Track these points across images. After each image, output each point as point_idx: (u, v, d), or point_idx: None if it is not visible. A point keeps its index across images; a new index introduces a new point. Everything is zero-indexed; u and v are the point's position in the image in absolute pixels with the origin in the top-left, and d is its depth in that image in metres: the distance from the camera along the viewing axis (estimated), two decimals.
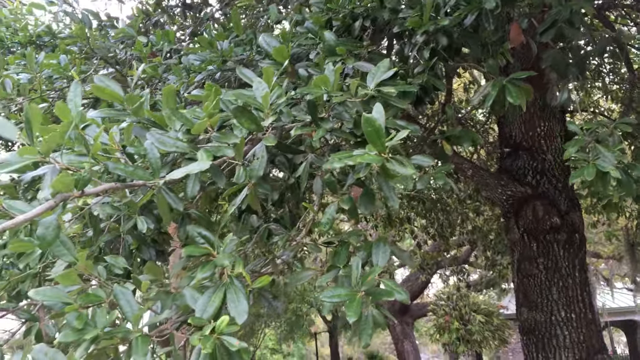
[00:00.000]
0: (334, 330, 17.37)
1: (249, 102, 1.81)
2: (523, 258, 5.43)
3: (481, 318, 13.06)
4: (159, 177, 1.54)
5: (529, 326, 5.38)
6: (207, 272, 1.53)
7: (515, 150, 5.62)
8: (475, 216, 8.80)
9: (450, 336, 13.41)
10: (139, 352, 1.37)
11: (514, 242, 5.57)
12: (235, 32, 3.45)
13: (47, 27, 5.55)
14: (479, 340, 13.10)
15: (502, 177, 5.56)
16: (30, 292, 1.41)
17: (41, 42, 5.33)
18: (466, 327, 13.24)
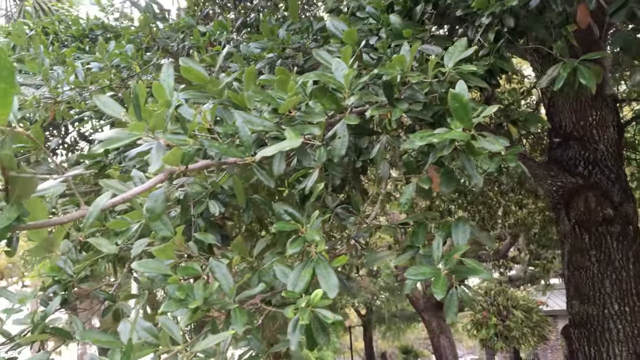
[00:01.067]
0: (368, 324, 17.38)
1: (329, 81, 1.83)
2: (574, 250, 5.32)
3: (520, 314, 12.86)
4: (251, 154, 1.57)
5: (580, 319, 5.28)
6: (297, 248, 1.56)
7: (565, 140, 5.50)
8: (517, 209, 8.66)
9: (487, 332, 13.25)
10: (237, 322, 1.40)
11: (564, 234, 5.46)
12: (292, 20, 3.48)
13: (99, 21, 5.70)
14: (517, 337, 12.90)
15: (552, 167, 5.45)
16: (134, 264, 1.46)
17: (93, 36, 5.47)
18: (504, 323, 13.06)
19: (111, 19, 5.74)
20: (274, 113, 1.74)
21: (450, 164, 1.89)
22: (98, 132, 4.74)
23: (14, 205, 0.92)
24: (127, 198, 1.20)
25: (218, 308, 1.47)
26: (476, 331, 13.75)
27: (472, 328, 13.67)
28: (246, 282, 1.68)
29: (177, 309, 1.40)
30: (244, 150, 1.59)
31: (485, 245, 6.68)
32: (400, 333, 18.25)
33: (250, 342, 1.91)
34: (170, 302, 1.41)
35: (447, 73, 1.93)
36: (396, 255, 1.96)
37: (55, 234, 1.14)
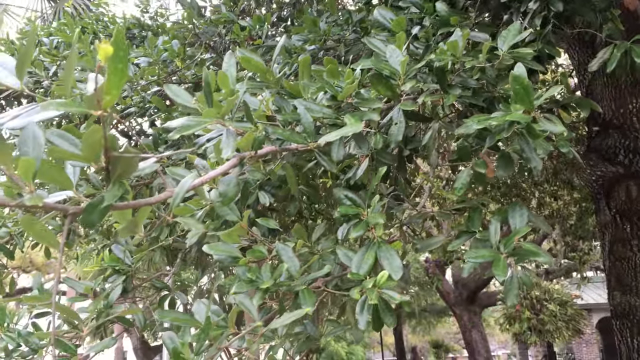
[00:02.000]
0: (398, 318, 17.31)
1: (384, 68, 1.85)
2: (615, 240, 5.23)
3: (554, 307, 12.68)
4: (313, 140, 1.61)
5: (622, 310, 5.19)
6: (360, 231, 1.59)
7: (604, 128, 5.40)
8: (552, 200, 8.53)
9: (520, 326, 13.10)
10: (307, 302, 1.44)
11: (604, 224, 5.38)
12: (331, 12, 3.51)
13: (136, 19, 5.81)
14: (551, 331, 12.72)
15: (591, 157, 5.36)
16: (205, 247, 1.50)
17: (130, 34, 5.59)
18: (538, 317, 12.89)
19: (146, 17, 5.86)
20: (332, 100, 1.77)
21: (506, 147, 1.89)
22: (137, 129, 4.85)
23: (115, 184, 0.97)
24: (205, 180, 1.25)
25: (285, 289, 1.51)
26: (509, 325, 13.60)
27: (504, 322, 13.53)
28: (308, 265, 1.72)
29: (247, 289, 1.45)
30: (306, 136, 1.63)
31: (541, 230, 6.51)
32: (431, 327, 18.17)
33: (307, 326, 1.96)
34: (240, 283, 1.46)
35: (502, 57, 1.92)
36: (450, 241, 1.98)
37: (139, 215, 1.18)
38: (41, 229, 0.98)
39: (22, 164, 0.81)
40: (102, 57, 0.74)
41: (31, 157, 0.88)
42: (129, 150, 0.95)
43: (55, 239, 1.00)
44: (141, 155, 0.98)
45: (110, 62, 0.76)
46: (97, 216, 0.98)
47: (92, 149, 0.93)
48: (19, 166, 0.81)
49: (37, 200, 0.82)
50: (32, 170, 0.83)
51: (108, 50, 0.74)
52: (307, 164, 2.21)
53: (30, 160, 0.81)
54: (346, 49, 3.27)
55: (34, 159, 0.82)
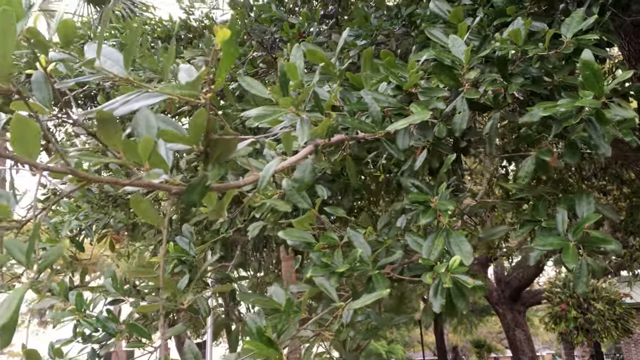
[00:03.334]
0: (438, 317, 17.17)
1: (447, 58, 1.87)
2: None
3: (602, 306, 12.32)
4: (381, 129, 1.64)
5: None
6: (430, 218, 1.61)
7: None
8: (601, 195, 8.31)
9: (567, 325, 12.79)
10: (380, 286, 1.48)
11: None
12: (379, 7, 3.53)
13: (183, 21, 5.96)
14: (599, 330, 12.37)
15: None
16: (280, 232, 1.56)
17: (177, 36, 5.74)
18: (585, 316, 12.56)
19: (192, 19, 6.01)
20: (397, 90, 1.81)
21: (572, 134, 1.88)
22: None
23: (215, 166, 1.03)
24: (286, 166, 1.30)
25: (358, 274, 1.55)
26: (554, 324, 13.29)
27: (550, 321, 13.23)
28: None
29: (323, 273, 1.50)
30: (373, 125, 1.66)
31: (609, 218, 6.37)
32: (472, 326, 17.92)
33: (371, 314, 1.99)
34: (316, 267, 1.50)
35: (566, 44, 1.92)
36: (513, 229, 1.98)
37: (225, 198, 1.24)
38: (147, 208, 1.05)
39: (143, 143, 0.88)
40: (220, 39, 0.79)
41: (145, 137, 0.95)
42: (228, 132, 1.01)
43: (159, 218, 1.06)
44: (238, 138, 1.04)
45: (225, 46, 0.81)
46: (198, 196, 1.04)
47: (196, 132, 0.99)
48: (140, 145, 0.88)
49: (154, 177, 0.88)
50: (150, 149, 0.90)
51: (226, 33, 0.79)
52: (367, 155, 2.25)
53: (149, 138, 0.87)
54: (397, 43, 3.29)
55: (152, 138, 0.88)
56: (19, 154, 0.88)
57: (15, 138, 0.88)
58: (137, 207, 1.03)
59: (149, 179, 0.89)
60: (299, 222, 1.64)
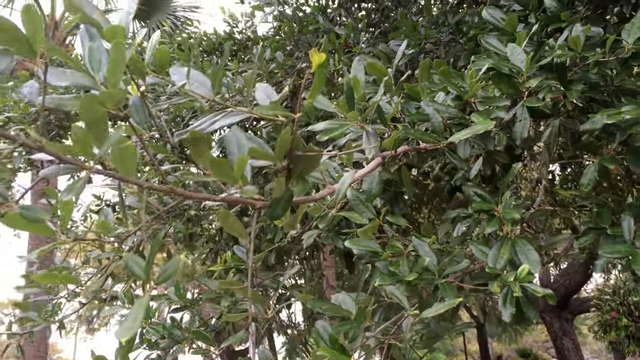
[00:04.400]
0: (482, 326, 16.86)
1: (506, 66, 1.87)
2: None
3: None
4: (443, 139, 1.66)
5: None
6: (495, 226, 1.62)
7: None
8: None
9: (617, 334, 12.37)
10: (449, 294, 1.49)
11: None
12: (426, 16, 3.55)
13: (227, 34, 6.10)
14: None
15: None
16: (347, 242, 1.59)
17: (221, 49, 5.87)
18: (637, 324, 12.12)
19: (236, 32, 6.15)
20: (457, 100, 1.82)
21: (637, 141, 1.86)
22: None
23: (299, 181, 1.08)
24: (357, 178, 1.34)
25: (425, 283, 1.57)
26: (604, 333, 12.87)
27: (599, 330, 12.81)
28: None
29: (391, 282, 1.52)
30: (435, 136, 1.69)
31: None
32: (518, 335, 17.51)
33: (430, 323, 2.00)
34: (383, 276, 1.53)
35: (628, 49, 1.89)
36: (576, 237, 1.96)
37: (298, 211, 1.29)
38: (234, 222, 1.10)
39: (238, 162, 0.93)
40: (315, 64, 0.84)
41: (237, 155, 1.00)
42: (311, 149, 1.05)
43: (245, 231, 1.12)
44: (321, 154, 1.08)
45: (319, 69, 0.86)
46: (281, 210, 1.09)
47: (282, 149, 1.04)
48: (236, 164, 0.93)
49: (249, 193, 0.93)
50: (243, 168, 0.95)
51: (322, 57, 0.83)
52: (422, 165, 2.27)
53: (244, 157, 0.93)
54: (445, 50, 3.30)
55: (246, 157, 0.93)
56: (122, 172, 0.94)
57: (115, 157, 0.95)
58: (225, 221, 1.08)
59: (245, 195, 0.94)
60: (363, 231, 1.68)
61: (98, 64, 0.89)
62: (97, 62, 0.89)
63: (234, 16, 6.17)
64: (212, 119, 1.10)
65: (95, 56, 0.89)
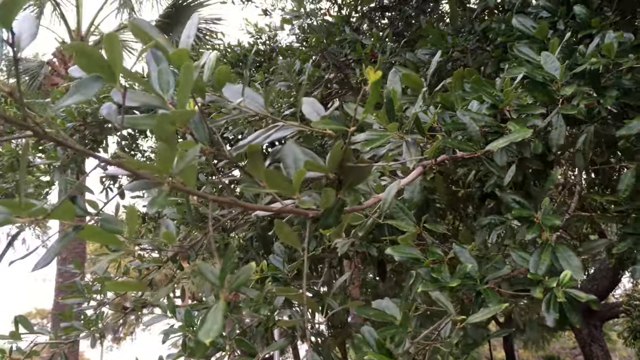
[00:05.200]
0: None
1: (537, 74, 1.90)
2: None
3: None
4: (480, 148, 1.69)
5: None
6: (535, 233, 1.64)
7: None
8: None
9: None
10: (492, 300, 1.52)
11: None
12: (452, 24, 3.58)
13: (251, 45, 6.20)
14: None
15: None
16: (389, 249, 1.63)
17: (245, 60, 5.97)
18: None
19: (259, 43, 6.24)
20: (492, 109, 1.85)
21: None
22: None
23: (350, 192, 1.12)
24: (401, 187, 1.38)
25: (467, 289, 1.59)
26: (634, 339, 12.59)
27: (629, 336, 12.55)
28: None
29: (434, 288, 1.55)
30: (472, 144, 1.72)
31: None
32: (544, 342, 17.23)
33: (468, 330, 2.02)
34: (426, 282, 1.56)
35: None
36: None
37: (344, 220, 1.33)
38: (288, 231, 1.15)
39: (296, 175, 0.98)
40: (371, 80, 0.88)
41: (293, 168, 1.05)
42: (363, 161, 1.10)
43: (299, 241, 1.16)
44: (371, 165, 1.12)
45: (374, 85, 0.91)
46: (334, 219, 1.13)
47: (334, 161, 1.08)
48: (295, 177, 0.98)
49: (308, 204, 0.98)
50: (301, 180, 1.00)
51: (377, 75, 0.88)
52: (457, 173, 2.29)
53: (302, 171, 0.97)
54: (472, 58, 3.33)
55: (304, 170, 0.98)
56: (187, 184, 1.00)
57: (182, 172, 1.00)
58: (280, 231, 1.13)
59: (303, 206, 0.99)
60: (403, 239, 1.71)
61: (166, 85, 0.95)
62: (166, 84, 0.95)
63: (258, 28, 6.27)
64: (266, 133, 1.15)
65: (164, 78, 0.95)
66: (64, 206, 0.83)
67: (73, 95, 0.73)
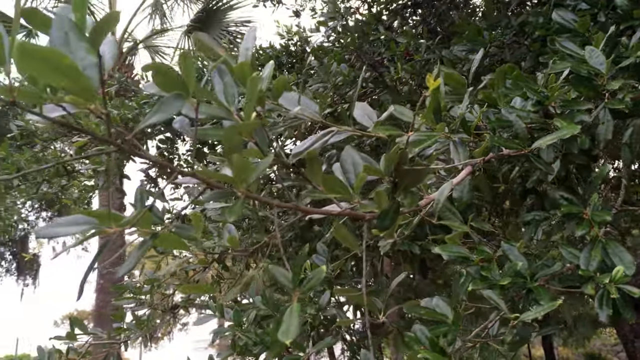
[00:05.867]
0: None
1: (582, 69, 1.88)
2: None
3: None
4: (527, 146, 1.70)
5: None
6: (585, 229, 1.64)
7: None
8: None
9: None
10: (544, 297, 1.52)
11: None
12: (487, 19, 3.56)
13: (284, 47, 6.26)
14: None
15: None
16: (435, 249, 1.65)
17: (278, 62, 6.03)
18: None
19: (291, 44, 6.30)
20: (538, 105, 1.85)
21: None
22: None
23: (407, 194, 1.15)
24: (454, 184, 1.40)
25: (517, 287, 1.60)
26: None
27: None
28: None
29: (484, 286, 1.57)
30: (518, 142, 1.72)
31: None
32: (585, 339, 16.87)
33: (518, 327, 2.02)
34: (476, 281, 1.58)
35: None
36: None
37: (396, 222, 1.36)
38: (346, 234, 1.19)
39: (357, 180, 1.01)
40: (431, 88, 0.91)
41: (353, 172, 1.09)
42: (419, 164, 1.13)
43: (356, 242, 1.20)
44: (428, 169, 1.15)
45: (434, 92, 0.93)
46: (390, 221, 1.16)
47: (390, 164, 1.12)
48: (356, 182, 1.01)
49: (370, 207, 1.01)
50: (361, 185, 1.03)
51: (437, 82, 0.91)
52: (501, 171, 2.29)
53: (363, 175, 1.01)
54: (510, 52, 3.30)
55: (364, 174, 1.02)
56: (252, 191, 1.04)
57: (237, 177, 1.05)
58: (338, 233, 1.17)
59: (365, 210, 1.02)
60: (451, 238, 1.73)
61: (232, 97, 0.99)
62: (231, 96, 0.99)
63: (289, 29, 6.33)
64: (323, 139, 1.19)
65: (230, 90, 1.00)
66: (144, 216, 0.88)
67: (157, 114, 0.78)
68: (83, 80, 0.64)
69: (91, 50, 0.70)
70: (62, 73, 0.62)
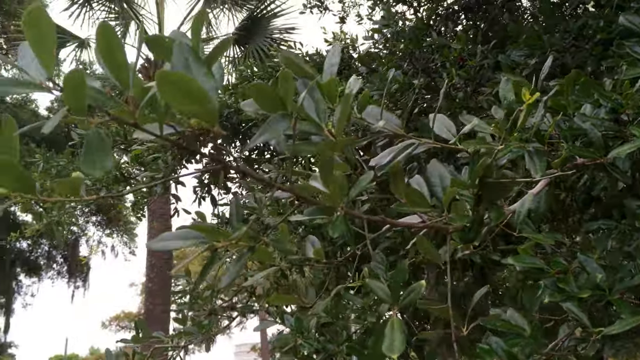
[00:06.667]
0: None
1: None
2: None
3: None
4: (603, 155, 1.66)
5: None
6: None
7: None
8: None
9: None
10: (624, 311, 1.48)
11: None
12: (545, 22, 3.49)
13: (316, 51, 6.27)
14: None
15: None
16: (510, 259, 1.63)
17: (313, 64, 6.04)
18: None
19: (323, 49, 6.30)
20: (612, 113, 1.80)
21: None
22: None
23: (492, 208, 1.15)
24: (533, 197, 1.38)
25: (595, 300, 1.57)
26: None
27: None
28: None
29: (562, 299, 1.54)
30: (593, 151, 1.68)
31: None
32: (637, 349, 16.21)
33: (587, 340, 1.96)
34: (553, 293, 1.55)
35: None
36: None
37: None
38: (429, 246, 1.19)
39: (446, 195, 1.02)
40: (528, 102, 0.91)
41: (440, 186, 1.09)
42: (505, 176, 1.12)
43: (438, 255, 1.20)
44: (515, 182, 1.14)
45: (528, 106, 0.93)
46: (474, 233, 1.16)
47: (476, 177, 1.11)
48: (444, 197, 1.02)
49: (460, 221, 1.02)
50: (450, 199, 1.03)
51: (533, 97, 0.90)
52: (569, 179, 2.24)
53: (453, 190, 1.01)
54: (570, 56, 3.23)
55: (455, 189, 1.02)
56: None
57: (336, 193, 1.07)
58: (421, 246, 1.17)
59: (454, 223, 1.02)
60: (524, 249, 1.70)
61: (323, 114, 1.02)
62: (323, 113, 1.02)
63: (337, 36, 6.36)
64: (404, 151, 1.20)
65: (321, 107, 1.02)
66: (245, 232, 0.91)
67: (264, 134, 0.81)
68: (209, 104, 0.67)
69: (210, 74, 0.74)
70: (193, 98, 0.65)
